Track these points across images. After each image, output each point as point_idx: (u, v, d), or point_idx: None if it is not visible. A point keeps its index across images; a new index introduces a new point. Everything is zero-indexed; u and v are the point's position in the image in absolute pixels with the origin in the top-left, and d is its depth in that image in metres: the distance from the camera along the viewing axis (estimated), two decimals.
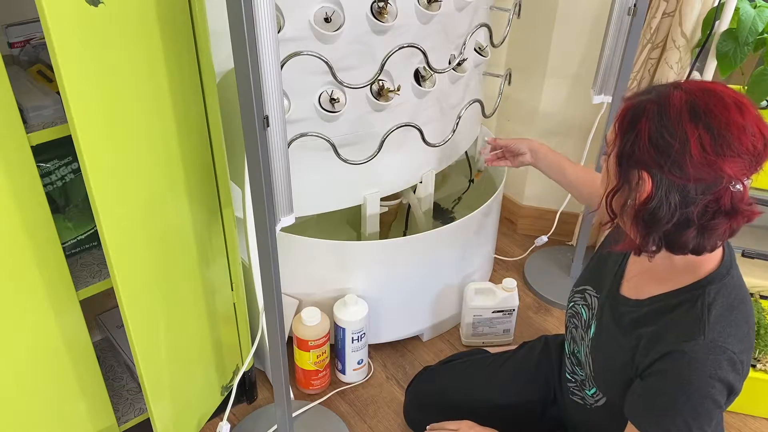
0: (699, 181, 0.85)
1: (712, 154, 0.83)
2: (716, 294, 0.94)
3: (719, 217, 0.87)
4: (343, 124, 1.37)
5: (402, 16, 1.29)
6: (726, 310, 0.93)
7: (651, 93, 0.90)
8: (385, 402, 1.60)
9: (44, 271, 1.04)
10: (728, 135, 0.83)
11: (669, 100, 0.86)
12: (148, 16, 0.98)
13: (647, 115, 0.87)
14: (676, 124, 0.85)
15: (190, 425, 1.41)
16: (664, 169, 0.85)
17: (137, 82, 1.00)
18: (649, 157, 0.86)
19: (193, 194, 1.19)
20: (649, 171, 0.87)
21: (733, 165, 0.84)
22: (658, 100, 0.87)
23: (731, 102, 0.85)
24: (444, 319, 1.76)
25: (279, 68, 0.96)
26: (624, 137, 0.89)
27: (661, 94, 0.88)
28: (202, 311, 1.32)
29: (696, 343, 0.91)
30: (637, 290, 1.05)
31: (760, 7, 1.52)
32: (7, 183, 0.94)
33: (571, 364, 1.23)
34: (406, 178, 1.57)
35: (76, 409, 1.21)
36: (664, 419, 0.94)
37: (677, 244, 0.91)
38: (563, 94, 1.94)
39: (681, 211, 0.87)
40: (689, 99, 0.86)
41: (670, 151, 0.84)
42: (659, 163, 0.86)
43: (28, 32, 1.22)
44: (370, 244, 1.54)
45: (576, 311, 1.19)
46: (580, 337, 1.18)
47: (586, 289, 1.18)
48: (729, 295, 0.94)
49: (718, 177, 0.84)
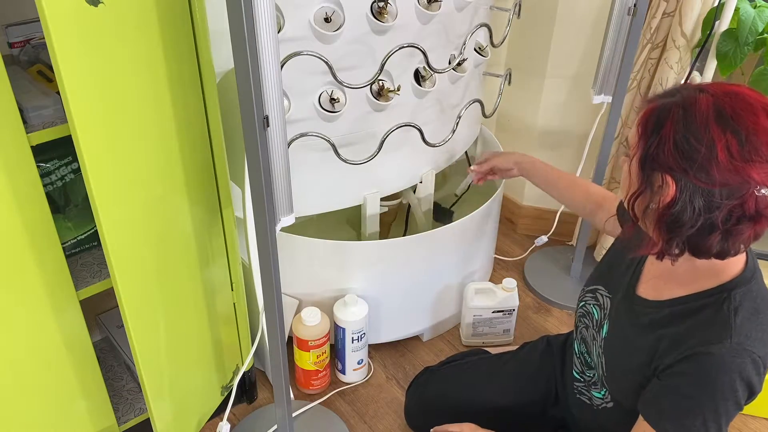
0: (724, 186, 0.84)
1: (739, 160, 0.82)
2: (742, 298, 0.93)
3: (744, 222, 0.86)
4: (343, 124, 1.37)
5: (402, 16, 1.29)
6: (752, 314, 0.93)
7: (675, 96, 0.88)
8: (385, 402, 1.60)
9: (44, 271, 1.04)
10: (756, 140, 0.83)
11: (695, 104, 0.85)
12: (148, 16, 0.98)
13: (672, 118, 0.86)
14: (702, 128, 0.84)
15: (190, 425, 1.41)
16: (689, 173, 0.84)
17: (137, 83, 1.00)
18: (674, 162, 0.85)
19: (193, 194, 1.19)
20: (673, 175, 0.86)
21: (761, 171, 0.83)
22: (683, 103, 0.86)
23: (759, 106, 0.84)
24: (444, 319, 1.76)
25: (279, 68, 0.96)
26: (648, 140, 0.88)
27: (687, 98, 0.87)
28: (202, 311, 1.32)
29: (723, 346, 0.90)
30: (655, 292, 1.04)
31: (760, 7, 1.52)
32: (7, 183, 0.94)
33: (580, 364, 1.22)
34: (406, 178, 1.57)
35: (76, 409, 1.21)
36: (685, 419, 0.94)
37: (701, 249, 0.90)
38: (563, 94, 1.94)
39: (705, 216, 0.86)
40: (716, 103, 0.85)
41: (696, 156, 0.84)
42: (684, 167, 0.85)
43: (28, 32, 1.22)
44: (370, 244, 1.54)
45: (587, 311, 1.19)
46: (591, 338, 1.17)
47: (597, 289, 1.17)
48: (754, 300, 0.94)
49: (745, 182, 0.83)
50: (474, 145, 1.90)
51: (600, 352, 1.13)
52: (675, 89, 0.91)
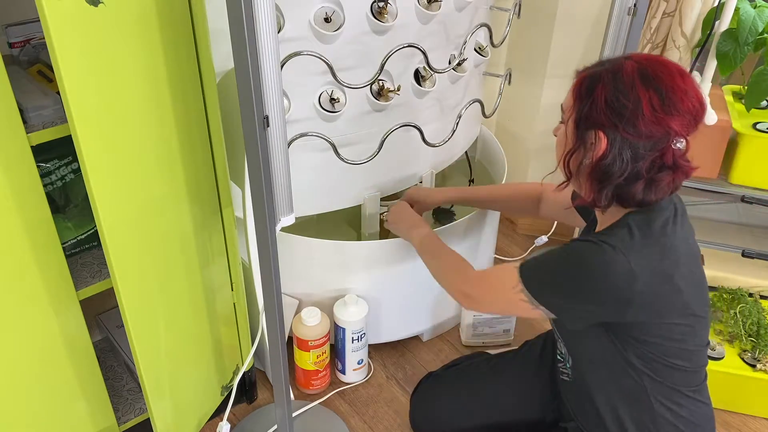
0: (649, 138, 0.96)
1: (660, 113, 0.95)
2: (632, 220, 1.02)
3: (664, 171, 0.99)
4: (343, 124, 1.37)
5: (402, 16, 1.29)
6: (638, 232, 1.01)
7: (604, 64, 1.01)
8: (385, 402, 1.60)
9: (44, 271, 1.04)
10: (674, 96, 0.96)
11: (622, 68, 0.98)
12: (148, 16, 0.98)
13: (603, 81, 0.98)
14: (629, 87, 0.96)
15: (190, 425, 1.41)
16: (619, 127, 0.97)
17: (137, 82, 1.00)
18: (606, 118, 0.97)
19: (193, 194, 1.19)
20: (605, 131, 0.98)
21: (679, 122, 0.96)
22: (612, 68, 0.99)
23: (674, 69, 0.98)
24: (444, 320, 1.76)
25: (279, 68, 0.96)
26: (582, 103, 1.01)
27: (614, 64, 1.00)
28: (202, 311, 1.32)
29: (601, 239, 1.01)
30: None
31: (760, 7, 1.52)
32: (7, 183, 0.94)
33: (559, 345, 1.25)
34: (406, 178, 1.57)
35: (76, 409, 1.21)
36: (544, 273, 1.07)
37: (627, 197, 1.01)
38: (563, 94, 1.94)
39: (632, 166, 0.98)
40: (639, 67, 0.97)
41: (625, 111, 0.96)
42: (614, 122, 0.97)
43: (28, 32, 1.22)
44: (370, 244, 1.54)
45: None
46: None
47: None
48: (644, 224, 1.02)
49: (666, 133, 0.96)
50: (474, 146, 1.90)
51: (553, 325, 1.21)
52: (603, 60, 1.03)
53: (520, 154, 2.09)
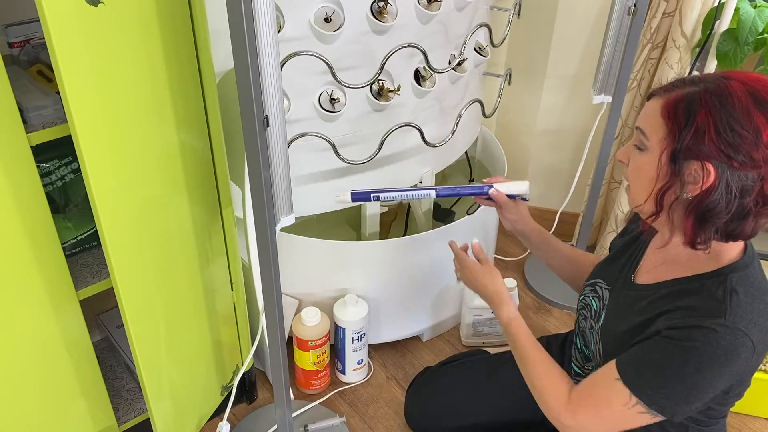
0: (758, 169, 0.85)
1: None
2: (737, 282, 0.93)
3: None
4: (343, 124, 1.37)
5: (402, 16, 1.29)
6: (749, 298, 0.93)
7: (698, 84, 0.89)
8: (385, 402, 1.60)
9: (44, 271, 1.04)
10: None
11: (729, 91, 0.86)
12: (148, 16, 0.98)
13: (706, 107, 0.86)
14: (744, 115, 0.85)
15: (190, 425, 1.41)
16: (732, 159, 0.85)
17: (137, 82, 1.00)
18: (715, 150, 0.85)
19: (193, 194, 1.19)
20: (713, 162, 0.86)
21: None
22: (716, 90, 0.86)
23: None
24: (444, 319, 1.76)
25: (279, 68, 0.96)
26: (681, 131, 0.88)
27: (717, 86, 0.87)
28: (202, 311, 1.32)
29: (717, 323, 0.90)
30: (654, 277, 1.05)
31: (760, 7, 1.52)
32: (7, 183, 0.94)
33: (581, 359, 1.22)
34: (406, 178, 1.57)
35: (76, 409, 1.21)
36: (665, 382, 0.93)
37: (737, 233, 0.90)
38: (563, 94, 1.95)
39: (740, 201, 0.87)
40: (748, 89, 0.86)
41: (742, 142, 0.84)
42: (727, 154, 0.85)
43: (28, 32, 1.22)
44: (370, 244, 1.54)
45: (586, 303, 1.19)
46: (589, 327, 1.17)
47: (597, 282, 1.18)
48: (750, 285, 0.94)
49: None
50: (474, 145, 1.90)
51: (597, 338, 1.13)
52: (692, 78, 0.90)
53: (520, 154, 2.09)
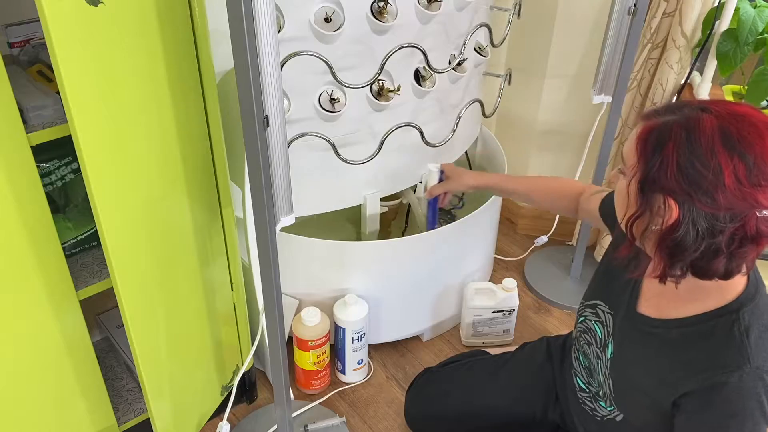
0: (729, 210, 0.81)
1: (747, 186, 0.80)
2: (750, 317, 0.91)
3: (746, 244, 0.84)
4: (343, 124, 1.37)
5: (402, 16, 1.29)
6: (763, 332, 0.91)
7: (676, 114, 0.85)
8: (385, 402, 1.60)
9: (44, 271, 1.04)
10: (763, 164, 0.81)
11: (699, 125, 0.82)
12: (148, 16, 0.98)
13: (675, 139, 0.83)
14: (708, 152, 0.81)
15: (190, 425, 1.41)
16: (693, 198, 0.82)
17: (137, 82, 1.00)
18: (677, 186, 0.83)
19: (193, 194, 1.19)
20: (676, 198, 0.83)
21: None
22: (686, 124, 0.83)
23: (764, 128, 0.82)
24: (444, 319, 1.76)
25: (279, 68, 0.96)
26: (648, 161, 0.85)
27: (690, 118, 0.84)
28: (202, 311, 1.32)
29: (743, 372, 0.89)
30: (658, 310, 1.02)
31: (760, 7, 1.52)
32: (7, 183, 0.94)
33: (587, 375, 1.20)
34: (406, 178, 1.57)
35: (76, 409, 1.21)
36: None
37: (705, 272, 0.88)
38: (563, 94, 1.94)
39: (708, 240, 0.83)
40: (721, 125, 0.82)
41: (702, 181, 0.81)
42: (688, 192, 0.82)
43: (28, 32, 1.22)
44: (370, 244, 1.54)
45: (588, 327, 1.16)
46: (595, 356, 1.14)
47: (597, 305, 1.14)
48: (762, 316, 0.92)
49: (751, 207, 0.81)
50: (474, 145, 1.90)
51: (606, 372, 1.11)
52: (675, 105, 0.88)
53: (520, 154, 2.09)
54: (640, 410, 1.06)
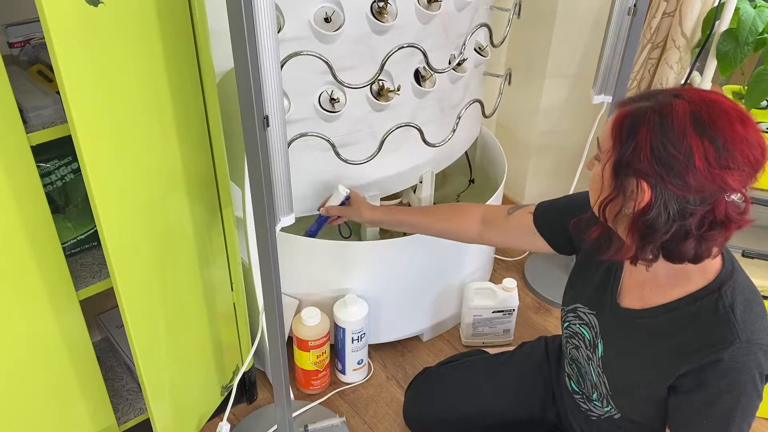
0: (700, 192, 0.84)
1: (716, 167, 0.83)
2: (732, 293, 0.94)
3: (716, 227, 0.87)
4: (343, 124, 1.37)
5: (402, 16, 1.29)
6: (746, 306, 0.93)
7: (650, 100, 0.88)
8: (385, 402, 1.60)
9: (44, 271, 1.04)
10: (732, 148, 0.83)
11: (671, 110, 0.85)
12: (148, 16, 0.98)
13: (648, 124, 0.85)
14: (679, 135, 0.83)
15: (190, 425, 1.41)
16: (665, 180, 0.84)
17: (137, 82, 1.00)
18: (650, 168, 0.85)
19: (193, 194, 1.19)
20: (649, 181, 0.86)
21: (736, 177, 0.83)
22: (659, 109, 0.86)
23: (734, 114, 0.84)
24: (444, 319, 1.76)
25: (279, 68, 0.96)
26: (622, 145, 0.87)
27: (663, 103, 0.86)
28: (202, 311, 1.32)
29: (734, 348, 0.91)
30: (642, 300, 1.03)
31: (760, 7, 1.52)
32: (7, 183, 0.94)
33: (578, 379, 1.21)
34: (406, 178, 1.57)
35: (76, 409, 1.21)
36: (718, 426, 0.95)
37: (676, 254, 0.90)
38: (563, 94, 1.95)
39: (679, 223, 0.86)
40: (692, 110, 0.84)
41: (674, 163, 0.84)
42: (660, 174, 0.84)
43: (28, 32, 1.22)
44: (370, 244, 1.54)
45: (574, 331, 1.17)
46: (585, 358, 1.15)
47: (578, 308, 1.15)
48: (743, 291, 0.95)
49: (720, 189, 0.84)
50: (474, 145, 1.90)
51: (600, 371, 1.11)
52: (650, 93, 0.90)
53: (520, 154, 2.09)
54: (639, 404, 1.07)
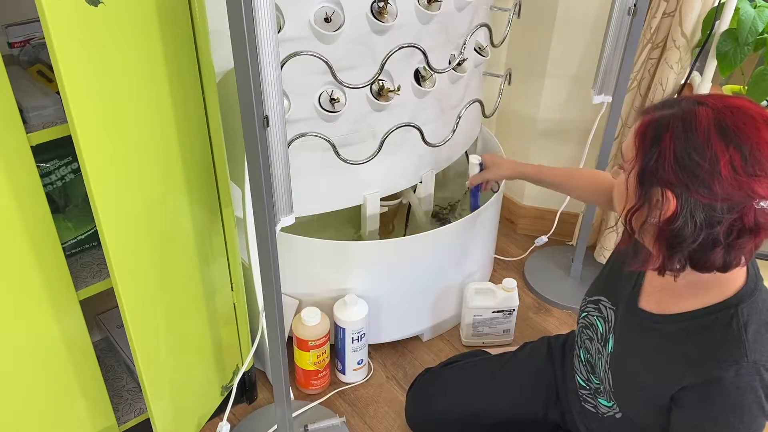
0: (726, 200, 0.82)
1: (743, 175, 0.81)
2: (749, 312, 0.92)
3: (744, 235, 0.85)
4: (343, 124, 1.37)
5: (402, 16, 1.29)
6: (762, 327, 0.92)
7: (673, 108, 0.87)
8: (385, 402, 1.60)
9: (44, 271, 1.04)
10: (759, 155, 0.81)
11: (695, 117, 0.84)
12: (148, 16, 0.98)
13: (671, 131, 0.84)
14: (704, 143, 0.82)
15: (190, 425, 1.41)
16: (690, 189, 0.83)
17: (137, 82, 1.00)
18: (675, 177, 0.84)
19: (193, 194, 1.19)
20: (674, 190, 0.84)
21: (764, 184, 0.82)
22: (683, 116, 0.84)
23: (760, 119, 0.83)
24: (444, 319, 1.76)
25: (279, 68, 0.96)
26: (646, 154, 0.87)
27: (686, 110, 0.85)
28: (202, 311, 1.32)
29: (740, 367, 0.90)
30: (659, 305, 1.03)
31: (760, 7, 1.52)
32: (7, 183, 0.94)
33: (586, 372, 1.21)
34: (406, 178, 1.57)
35: (76, 409, 1.21)
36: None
37: (704, 264, 0.88)
38: (563, 94, 1.94)
39: (707, 231, 0.84)
40: (716, 116, 0.83)
41: (699, 171, 0.82)
42: (685, 183, 0.83)
43: (28, 32, 1.22)
44: (370, 244, 1.54)
45: (590, 322, 1.17)
46: (596, 351, 1.15)
47: (600, 300, 1.15)
48: (761, 312, 0.93)
49: (748, 197, 0.82)
50: (474, 145, 1.90)
51: (606, 367, 1.11)
52: (672, 101, 0.89)
53: (520, 154, 2.09)
54: (639, 406, 1.07)
